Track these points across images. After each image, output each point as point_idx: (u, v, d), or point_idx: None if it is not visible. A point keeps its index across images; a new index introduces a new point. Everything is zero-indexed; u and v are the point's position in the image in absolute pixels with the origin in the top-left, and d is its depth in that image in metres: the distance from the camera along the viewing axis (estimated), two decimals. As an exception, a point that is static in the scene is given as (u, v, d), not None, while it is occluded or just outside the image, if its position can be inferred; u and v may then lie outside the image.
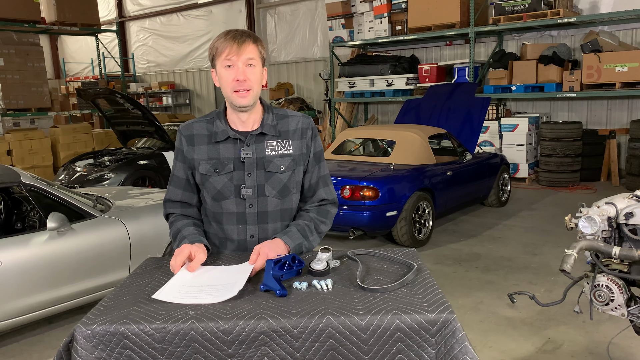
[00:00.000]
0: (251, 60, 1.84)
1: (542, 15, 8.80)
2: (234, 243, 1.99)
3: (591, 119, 9.48)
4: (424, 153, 6.07)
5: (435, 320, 1.42)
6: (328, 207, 2.07)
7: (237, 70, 1.83)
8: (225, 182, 1.94)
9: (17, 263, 3.46)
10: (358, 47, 12.10)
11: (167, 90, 16.81)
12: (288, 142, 1.96)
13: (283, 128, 1.98)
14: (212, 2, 15.76)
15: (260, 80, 1.89)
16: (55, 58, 20.33)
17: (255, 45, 1.85)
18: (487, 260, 5.27)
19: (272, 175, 1.94)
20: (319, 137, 2.07)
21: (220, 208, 1.97)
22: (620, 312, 2.18)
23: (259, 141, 1.94)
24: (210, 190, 1.96)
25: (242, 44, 1.82)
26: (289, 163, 1.95)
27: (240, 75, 1.82)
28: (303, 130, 1.99)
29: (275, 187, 1.95)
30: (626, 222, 2.18)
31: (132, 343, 1.42)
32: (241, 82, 1.83)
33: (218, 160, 1.94)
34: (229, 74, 1.84)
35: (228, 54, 1.82)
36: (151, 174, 7.49)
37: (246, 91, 1.84)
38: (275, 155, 1.94)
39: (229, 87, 1.85)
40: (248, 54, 1.83)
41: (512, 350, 3.46)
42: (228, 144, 1.94)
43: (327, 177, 2.08)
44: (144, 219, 4.19)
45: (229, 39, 1.83)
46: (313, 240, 2.00)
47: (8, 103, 10.10)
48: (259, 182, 1.93)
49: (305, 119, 2.02)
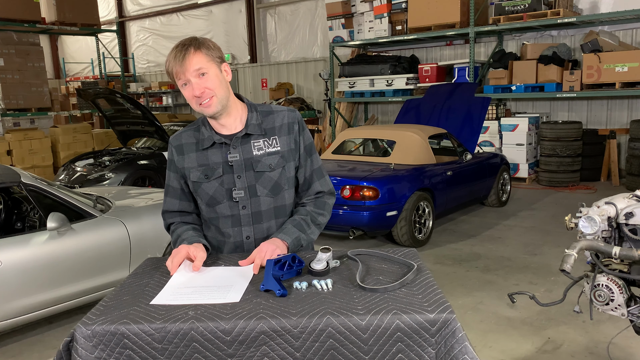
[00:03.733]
0: (200, 69, 1.80)
1: (542, 15, 8.80)
2: (231, 245, 1.99)
3: (591, 119, 9.48)
4: (424, 153, 6.07)
5: (435, 320, 1.42)
6: (325, 199, 2.06)
7: (191, 86, 1.82)
8: (216, 187, 1.94)
9: (17, 263, 3.46)
10: (358, 47, 12.10)
11: (167, 90, 16.81)
12: (275, 139, 1.95)
13: (268, 125, 1.96)
14: (212, 2, 15.76)
15: (221, 82, 1.85)
16: (55, 58, 20.33)
17: (198, 51, 1.80)
18: (487, 260, 5.27)
19: (261, 175, 1.93)
20: (307, 130, 2.05)
21: (215, 213, 1.98)
22: (620, 312, 2.18)
23: (245, 142, 1.93)
24: (203, 196, 1.97)
25: (185, 59, 1.78)
26: (278, 160, 1.95)
27: (197, 91, 1.81)
28: (290, 125, 1.98)
29: (267, 186, 1.95)
30: (626, 222, 2.18)
31: (132, 343, 1.42)
32: (200, 97, 1.82)
33: (207, 167, 1.94)
34: (188, 91, 1.83)
35: (177, 74, 1.81)
36: (151, 174, 7.49)
37: (209, 99, 1.83)
38: (262, 154, 1.93)
39: (193, 102, 1.85)
40: (194, 65, 1.79)
41: (512, 350, 3.46)
42: (215, 149, 1.94)
43: (321, 169, 2.06)
44: (144, 219, 4.19)
45: (171, 59, 1.81)
46: (311, 232, 2.00)
47: (8, 103, 10.10)
48: (250, 183, 1.93)
49: (291, 112, 2.00)
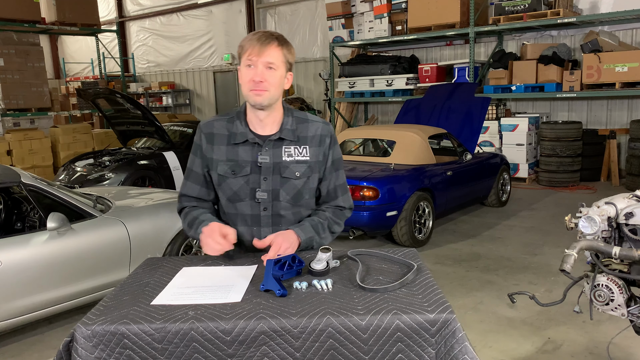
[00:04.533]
0: (271, 64, 1.83)
1: (542, 15, 8.80)
2: (246, 244, 1.99)
3: (591, 119, 9.47)
4: (424, 153, 6.07)
5: (435, 320, 1.42)
6: (345, 212, 2.10)
7: (255, 71, 1.83)
8: (241, 184, 1.94)
9: (17, 263, 3.46)
10: (358, 47, 12.10)
11: (167, 90, 16.81)
12: (305, 148, 1.96)
13: (302, 133, 1.97)
14: (212, 2, 15.76)
15: (280, 84, 1.89)
16: (55, 58, 20.33)
17: (279, 48, 1.85)
18: (487, 260, 5.27)
19: (287, 181, 1.94)
20: (338, 145, 2.07)
21: (234, 209, 1.98)
22: (620, 312, 2.18)
23: (276, 146, 1.94)
24: (226, 191, 1.97)
25: (266, 46, 1.82)
26: (305, 170, 1.96)
27: (257, 77, 1.83)
28: (322, 138, 1.99)
29: (289, 193, 1.95)
30: (626, 222, 2.18)
31: (132, 343, 1.42)
32: (257, 83, 1.83)
33: (236, 163, 1.94)
34: (248, 73, 1.85)
35: (250, 54, 1.83)
36: (151, 174, 7.48)
37: (263, 91, 1.85)
38: (291, 161, 1.94)
39: (246, 85, 1.86)
40: (268, 57, 1.83)
41: (512, 350, 3.46)
42: (246, 146, 1.94)
43: (345, 185, 2.09)
44: (144, 219, 4.19)
45: (254, 39, 1.84)
46: (324, 238, 2.01)
47: (8, 103, 10.10)
48: (274, 187, 1.94)
49: (326, 125, 2.02)
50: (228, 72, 15.91)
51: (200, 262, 1.89)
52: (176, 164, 7.79)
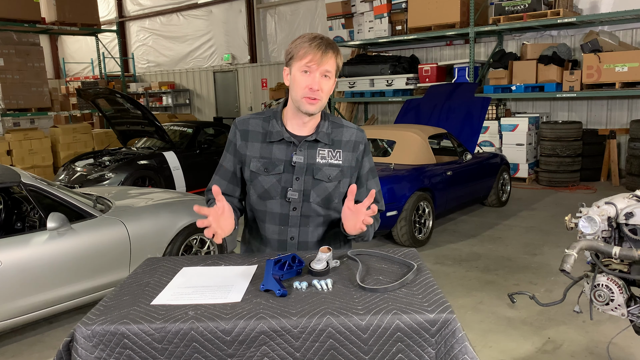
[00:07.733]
0: (328, 72, 1.85)
1: (542, 15, 8.81)
2: (274, 243, 2.00)
3: (591, 119, 9.48)
4: (424, 153, 6.07)
5: (435, 320, 1.42)
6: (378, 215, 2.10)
7: (312, 79, 1.83)
8: (273, 182, 1.94)
9: (17, 263, 3.46)
10: (358, 47, 12.10)
11: (167, 90, 16.82)
12: (339, 152, 1.97)
13: (337, 137, 1.99)
14: (212, 2, 15.77)
15: (331, 92, 1.91)
16: (55, 58, 20.34)
17: (335, 57, 1.86)
18: (487, 260, 5.27)
19: (319, 183, 1.95)
20: (370, 153, 2.08)
21: (264, 207, 1.98)
22: (620, 312, 2.18)
23: (311, 147, 1.95)
24: (258, 188, 1.97)
25: (326, 55, 1.83)
26: (337, 173, 1.96)
27: (315, 85, 1.83)
28: (355, 144, 2.01)
29: (320, 195, 1.96)
30: (626, 222, 2.18)
31: (132, 343, 1.42)
32: (314, 92, 1.84)
33: (269, 160, 1.94)
34: (304, 79, 1.84)
35: (310, 61, 1.82)
36: (151, 174, 7.49)
37: (316, 99, 1.85)
38: (325, 163, 1.95)
39: (300, 92, 1.85)
40: (327, 65, 1.84)
41: (512, 350, 3.46)
42: (281, 145, 1.95)
43: (380, 192, 2.10)
44: (144, 219, 4.19)
45: (314, 46, 1.83)
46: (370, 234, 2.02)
47: (8, 103, 10.09)
48: (306, 187, 1.94)
49: (360, 132, 2.03)
50: (228, 72, 15.91)
51: (200, 262, 1.89)
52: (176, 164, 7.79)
